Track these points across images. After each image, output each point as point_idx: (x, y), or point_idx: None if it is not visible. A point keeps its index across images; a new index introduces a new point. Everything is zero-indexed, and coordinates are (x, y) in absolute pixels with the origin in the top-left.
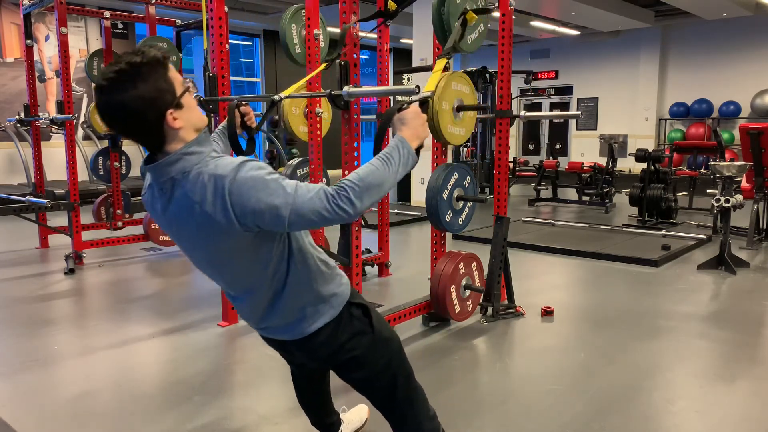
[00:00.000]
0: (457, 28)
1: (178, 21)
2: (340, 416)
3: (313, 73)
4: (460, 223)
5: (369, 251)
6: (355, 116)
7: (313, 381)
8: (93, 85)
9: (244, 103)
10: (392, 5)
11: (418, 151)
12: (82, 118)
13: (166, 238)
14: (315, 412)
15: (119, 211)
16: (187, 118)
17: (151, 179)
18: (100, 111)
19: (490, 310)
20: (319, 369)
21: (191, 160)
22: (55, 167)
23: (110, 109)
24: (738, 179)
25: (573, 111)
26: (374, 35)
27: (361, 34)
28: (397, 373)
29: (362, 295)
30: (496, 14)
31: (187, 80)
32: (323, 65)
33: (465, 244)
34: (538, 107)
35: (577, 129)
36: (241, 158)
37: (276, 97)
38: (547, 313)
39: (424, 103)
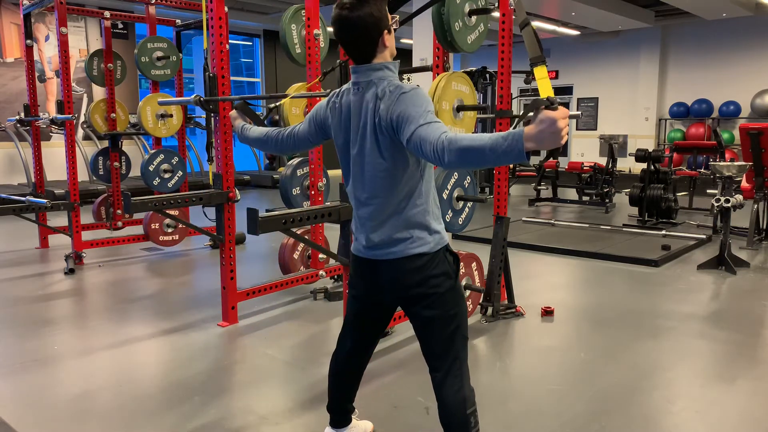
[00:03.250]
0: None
1: (178, 21)
2: (352, 415)
3: (311, 83)
4: (460, 223)
5: None
6: None
7: (364, 331)
8: (335, 8)
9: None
10: None
11: (536, 153)
12: (82, 118)
13: (167, 238)
14: (342, 386)
15: (119, 211)
16: (391, 43)
17: (353, 81)
18: (341, 23)
19: (490, 310)
20: (385, 312)
21: (388, 74)
22: (55, 167)
23: (351, 21)
24: (738, 179)
25: (573, 111)
26: None
27: None
28: (460, 326)
29: None
30: (496, 14)
31: (393, 16)
32: (317, 78)
33: (465, 244)
34: None
35: (577, 129)
36: (422, 89)
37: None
38: (547, 313)
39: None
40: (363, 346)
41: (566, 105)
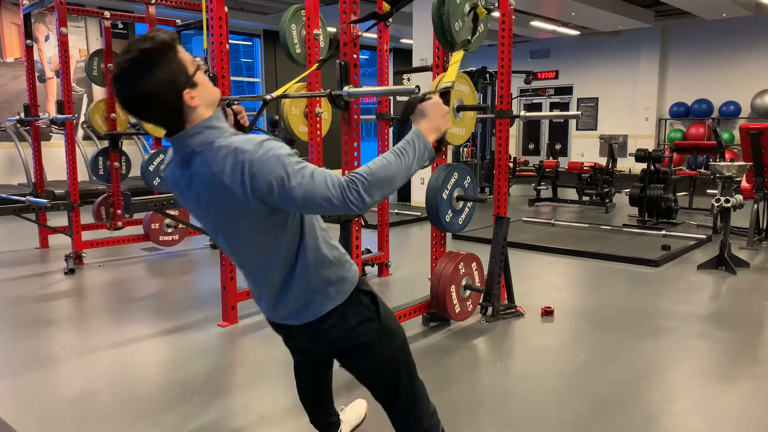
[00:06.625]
0: (468, 23)
1: (178, 21)
2: (340, 417)
3: (305, 73)
4: (460, 223)
5: (369, 251)
6: (355, 116)
7: (315, 372)
8: (113, 74)
9: (235, 102)
10: (386, 6)
11: (438, 145)
12: (82, 118)
13: (167, 238)
14: (315, 407)
15: (119, 211)
16: (203, 96)
17: (173, 153)
18: (120, 100)
19: (490, 310)
20: (323, 358)
21: (212, 134)
22: (55, 167)
23: (130, 98)
24: (738, 179)
25: (573, 111)
26: (374, 35)
27: (363, 33)
28: (401, 364)
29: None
30: (496, 14)
31: (197, 59)
32: (315, 65)
33: (465, 244)
34: (538, 107)
35: (577, 129)
36: (263, 136)
37: (268, 97)
38: (547, 313)
39: (445, 94)
40: (321, 375)
41: (566, 105)
